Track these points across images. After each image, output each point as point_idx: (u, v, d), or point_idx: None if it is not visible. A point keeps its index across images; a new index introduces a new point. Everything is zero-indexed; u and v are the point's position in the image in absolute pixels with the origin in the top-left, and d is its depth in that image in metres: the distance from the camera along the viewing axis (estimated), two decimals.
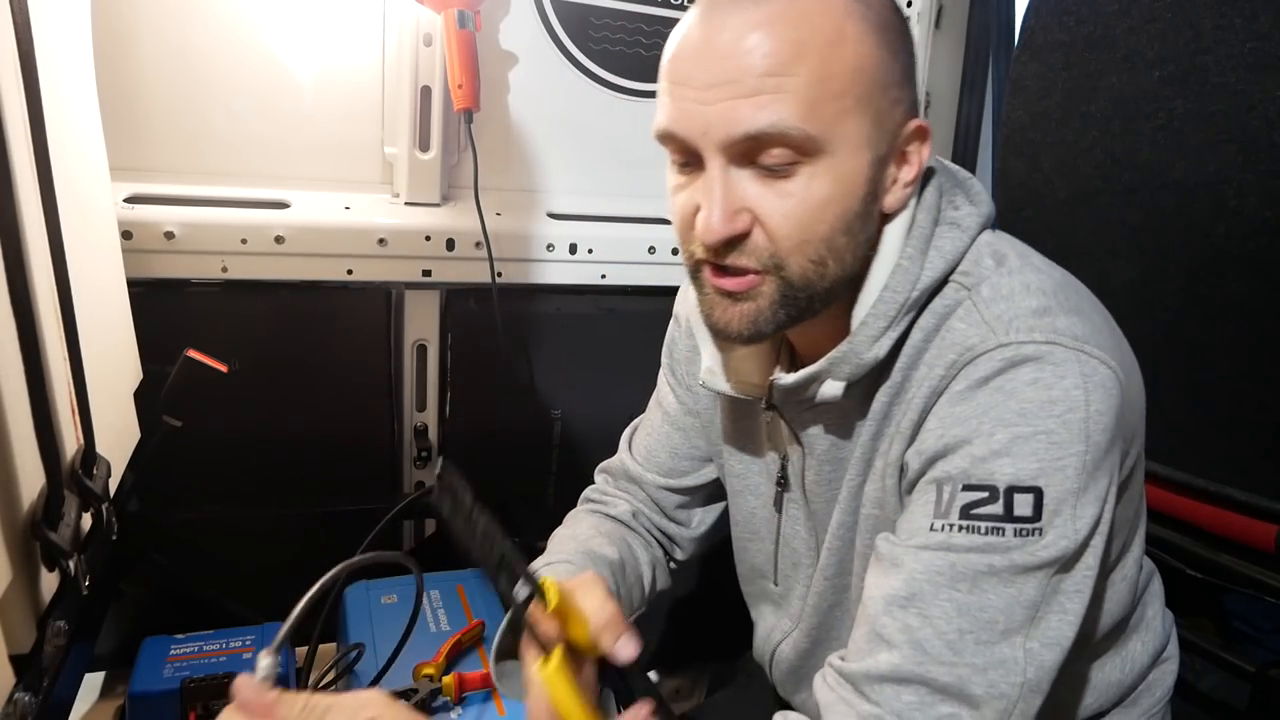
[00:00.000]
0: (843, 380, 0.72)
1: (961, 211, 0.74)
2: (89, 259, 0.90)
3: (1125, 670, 0.85)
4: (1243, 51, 0.95)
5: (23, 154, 0.68)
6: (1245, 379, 1.00)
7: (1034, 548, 0.63)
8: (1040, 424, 0.63)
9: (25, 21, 0.68)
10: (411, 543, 1.56)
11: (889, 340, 0.71)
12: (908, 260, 0.71)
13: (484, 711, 0.95)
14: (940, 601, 0.63)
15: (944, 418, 0.68)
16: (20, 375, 0.65)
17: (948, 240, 0.72)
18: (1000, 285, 0.70)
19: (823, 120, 0.64)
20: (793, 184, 0.66)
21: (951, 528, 0.64)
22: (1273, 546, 0.98)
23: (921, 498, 0.68)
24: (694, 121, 0.65)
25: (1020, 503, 0.63)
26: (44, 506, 0.69)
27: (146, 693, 0.98)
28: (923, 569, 0.64)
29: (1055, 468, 0.63)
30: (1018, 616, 0.63)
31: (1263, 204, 0.95)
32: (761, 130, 0.63)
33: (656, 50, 1.52)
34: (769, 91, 0.63)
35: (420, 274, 1.37)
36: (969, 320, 0.69)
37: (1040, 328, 0.66)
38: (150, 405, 1.12)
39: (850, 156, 0.66)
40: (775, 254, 0.67)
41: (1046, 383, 0.64)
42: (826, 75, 0.64)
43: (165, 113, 1.27)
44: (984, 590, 0.63)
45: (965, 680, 0.62)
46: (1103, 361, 0.65)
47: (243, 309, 1.32)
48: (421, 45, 1.30)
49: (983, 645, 0.62)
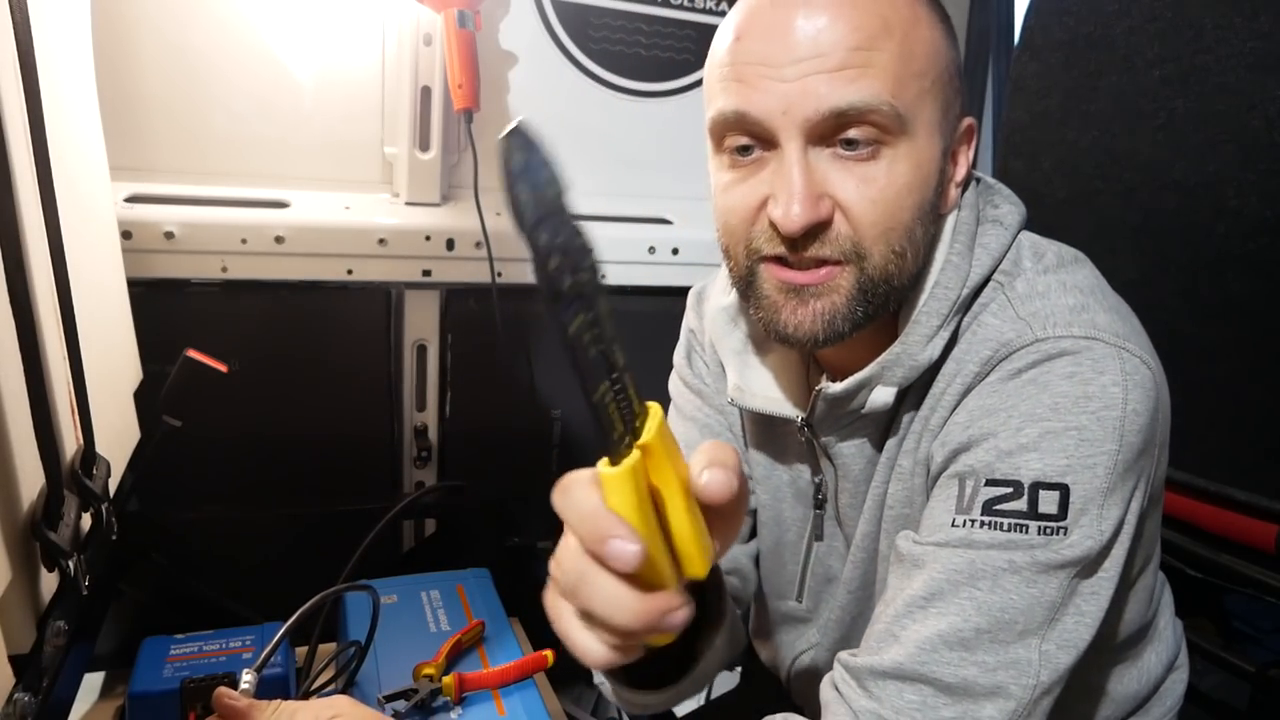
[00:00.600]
0: (894, 385, 0.69)
1: (1002, 210, 0.73)
2: (89, 259, 0.89)
3: (1142, 681, 0.83)
4: (1243, 51, 0.95)
5: (23, 154, 0.68)
6: (1245, 379, 1.00)
7: (1058, 546, 0.60)
8: (1073, 419, 0.61)
9: (25, 21, 0.68)
10: (411, 543, 1.55)
11: (941, 340, 0.68)
12: (957, 257, 0.69)
13: (484, 711, 0.95)
14: (960, 600, 0.61)
15: (972, 410, 0.65)
16: (20, 375, 0.65)
17: (992, 238, 0.70)
18: (1036, 282, 0.68)
19: (907, 99, 0.62)
20: (875, 167, 0.63)
21: (973, 524, 0.62)
22: (1273, 546, 0.98)
23: (943, 492, 0.65)
24: (773, 100, 0.62)
25: (1045, 500, 0.60)
26: (44, 506, 0.69)
27: (146, 693, 0.98)
28: (942, 568, 0.62)
29: (1085, 465, 0.61)
30: (1037, 617, 0.60)
31: (1263, 204, 0.95)
32: (851, 104, 0.61)
33: (656, 50, 1.53)
34: (857, 65, 0.61)
35: (420, 274, 1.37)
36: (1003, 316, 0.67)
37: (1079, 323, 0.64)
38: (150, 405, 1.12)
39: (927, 142, 0.65)
40: (858, 243, 0.64)
41: (1084, 377, 0.62)
42: (909, 54, 0.62)
43: (165, 113, 1.26)
44: (1005, 589, 0.60)
45: (972, 681, 0.59)
46: (1143, 361, 0.63)
47: (243, 309, 1.32)
48: (421, 45, 1.29)
49: (998, 645, 0.60)
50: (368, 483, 1.50)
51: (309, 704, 0.58)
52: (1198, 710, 1.11)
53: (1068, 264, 0.70)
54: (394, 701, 0.92)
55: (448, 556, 1.32)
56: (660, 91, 1.52)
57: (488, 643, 1.08)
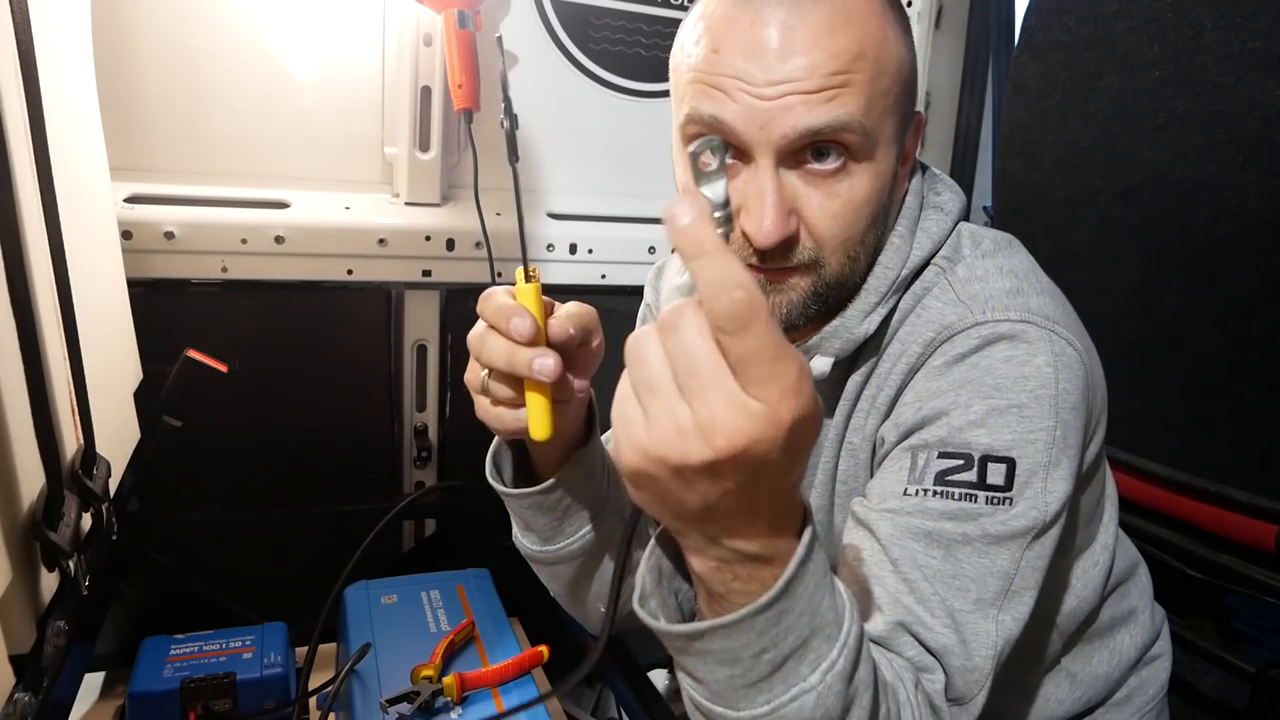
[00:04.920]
0: (832, 356, 0.73)
1: (944, 197, 0.77)
2: (89, 259, 0.89)
3: (1112, 663, 0.86)
4: (1243, 51, 0.95)
5: (23, 154, 0.68)
6: (1245, 379, 1.00)
7: (1004, 517, 0.64)
8: (1014, 397, 0.65)
9: (25, 21, 0.68)
10: (411, 543, 1.55)
11: (878, 316, 0.72)
12: (899, 239, 0.73)
13: (485, 711, 0.95)
14: (919, 566, 0.63)
15: (920, 392, 0.69)
16: (20, 375, 0.65)
17: (933, 222, 0.74)
18: (975, 267, 0.72)
19: (875, 116, 0.65)
20: (840, 184, 0.66)
21: (925, 493, 0.65)
22: (1273, 546, 0.98)
23: (895, 464, 0.68)
24: (751, 115, 0.64)
25: (993, 472, 0.64)
26: (44, 507, 0.69)
27: (146, 693, 0.98)
28: (898, 533, 0.64)
29: (1027, 440, 0.64)
30: (991, 587, 0.63)
31: (1263, 204, 0.95)
32: (826, 124, 0.63)
33: (657, 50, 1.53)
34: (834, 87, 0.63)
35: (420, 274, 1.37)
36: (945, 299, 0.71)
37: (1014, 307, 0.68)
38: (150, 405, 1.12)
39: (885, 154, 0.68)
40: (819, 253, 0.68)
41: (1020, 359, 0.66)
42: (879, 74, 0.65)
43: (165, 113, 1.26)
44: (958, 559, 0.63)
45: (948, 649, 0.62)
46: (1069, 343, 0.67)
47: (243, 309, 1.32)
48: (421, 45, 1.30)
49: (960, 614, 0.62)
50: (368, 483, 1.50)
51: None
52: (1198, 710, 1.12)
53: (1003, 249, 0.75)
54: (396, 705, 0.92)
55: (448, 556, 1.32)
56: (660, 92, 1.52)
57: (488, 643, 1.08)
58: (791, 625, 0.49)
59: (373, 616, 1.11)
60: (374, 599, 1.15)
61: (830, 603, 0.51)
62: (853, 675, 0.52)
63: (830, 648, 0.51)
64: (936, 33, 1.63)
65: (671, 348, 0.42)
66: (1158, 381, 1.10)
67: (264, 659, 1.04)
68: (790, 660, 0.50)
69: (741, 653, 0.49)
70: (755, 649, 0.49)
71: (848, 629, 0.51)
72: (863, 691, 0.53)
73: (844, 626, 0.51)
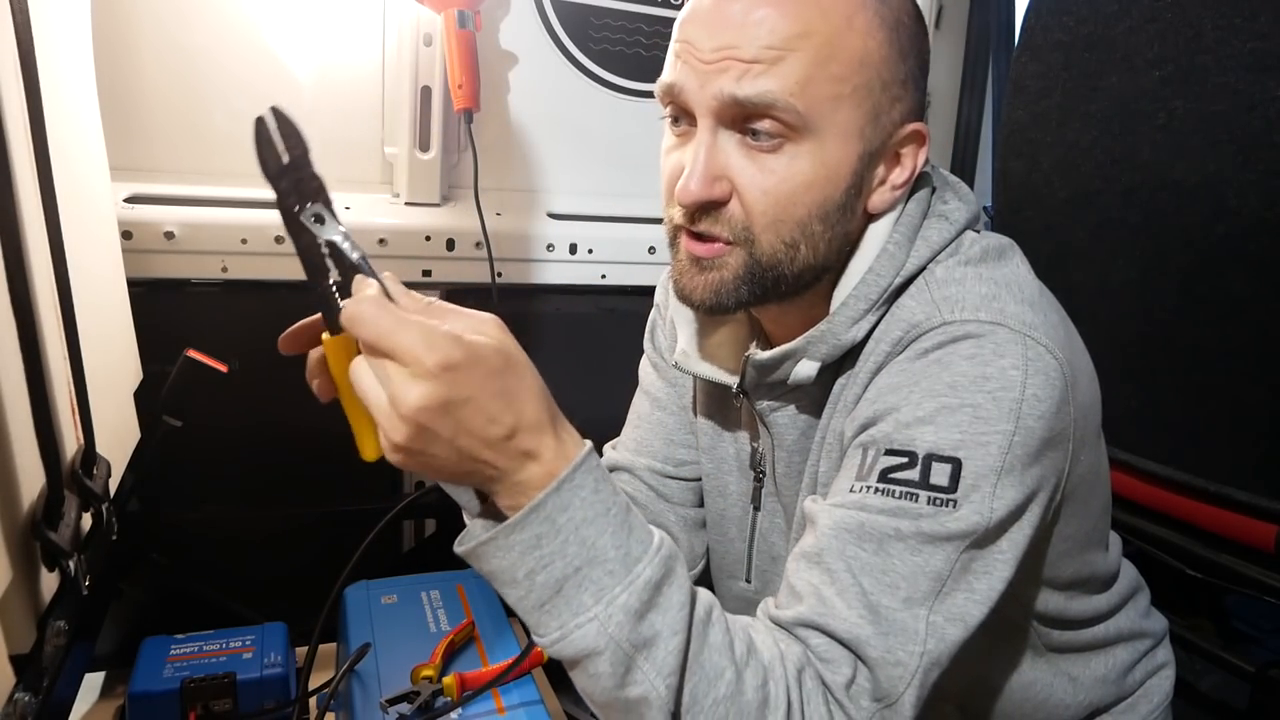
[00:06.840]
0: (818, 361, 0.72)
1: (950, 206, 0.75)
2: (89, 259, 0.90)
3: (1109, 666, 0.86)
4: (1243, 51, 0.95)
5: (23, 154, 0.68)
6: (1245, 379, 1.01)
7: (944, 519, 0.62)
8: (969, 397, 0.63)
9: (25, 21, 0.68)
10: (411, 543, 1.55)
11: (867, 323, 0.71)
12: (894, 246, 0.72)
13: (485, 711, 0.95)
14: (846, 558, 0.62)
15: (880, 387, 0.69)
16: (20, 375, 0.65)
17: (935, 231, 0.73)
18: (954, 271, 0.71)
19: (814, 101, 0.65)
20: (775, 160, 0.67)
21: (868, 489, 0.64)
22: (1273, 546, 0.98)
23: (849, 462, 0.68)
24: (693, 78, 0.67)
25: (937, 472, 0.63)
26: (44, 506, 0.69)
27: (146, 693, 0.98)
28: (833, 526, 0.64)
29: (978, 442, 0.63)
30: (922, 586, 0.61)
31: (1263, 204, 0.95)
32: (749, 96, 0.64)
33: (656, 50, 1.53)
34: (765, 62, 0.64)
35: (420, 274, 1.37)
36: (919, 299, 0.70)
37: (987, 309, 0.67)
38: (150, 405, 1.12)
39: (839, 145, 0.67)
40: (748, 227, 0.68)
41: (984, 359, 0.64)
42: (826, 58, 0.65)
43: (165, 112, 1.27)
44: (889, 554, 0.62)
45: (863, 641, 0.60)
46: (1049, 350, 0.65)
47: (243, 309, 1.32)
48: (421, 45, 1.30)
49: (885, 609, 0.61)
50: (368, 483, 1.50)
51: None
52: (1197, 710, 1.12)
53: (990, 258, 0.73)
54: (396, 705, 0.92)
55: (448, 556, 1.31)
56: None
57: (488, 643, 1.08)
58: (557, 550, 0.54)
59: (373, 616, 1.11)
60: (374, 599, 1.15)
61: (614, 541, 0.55)
62: (645, 615, 0.54)
63: (614, 583, 0.54)
64: (936, 33, 1.63)
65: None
66: (1157, 381, 1.10)
67: (264, 659, 1.04)
68: (569, 586, 0.54)
69: (514, 572, 0.55)
70: (524, 569, 0.54)
71: (641, 571, 0.55)
72: (669, 638, 0.55)
73: (635, 569, 0.55)
